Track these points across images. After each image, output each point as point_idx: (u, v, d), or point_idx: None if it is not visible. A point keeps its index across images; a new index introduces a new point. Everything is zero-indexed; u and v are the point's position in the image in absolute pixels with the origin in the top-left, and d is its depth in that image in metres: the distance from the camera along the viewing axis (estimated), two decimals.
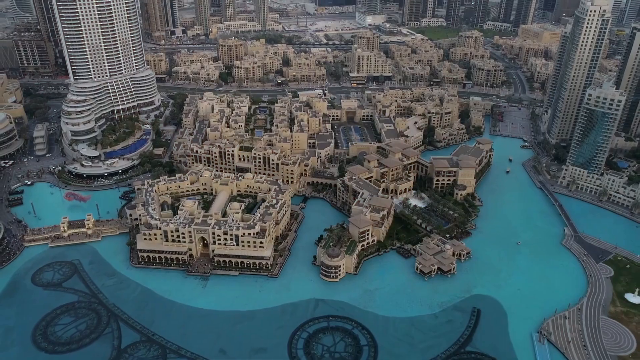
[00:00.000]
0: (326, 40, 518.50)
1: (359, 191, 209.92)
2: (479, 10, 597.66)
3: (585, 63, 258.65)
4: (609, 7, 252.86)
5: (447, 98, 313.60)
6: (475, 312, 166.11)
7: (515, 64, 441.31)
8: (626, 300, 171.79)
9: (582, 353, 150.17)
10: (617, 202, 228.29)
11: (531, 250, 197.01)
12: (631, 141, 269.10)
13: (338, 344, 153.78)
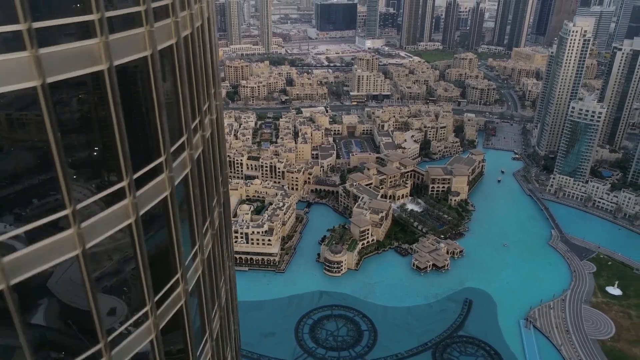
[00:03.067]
0: (327, 63, 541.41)
1: (359, 196, 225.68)
2: (473, 35, 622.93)
3: (570, 79, 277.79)
4: (590, 28, 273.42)
5: (442, 114, 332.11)
6: (467, 302, 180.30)
7: (508, 83, 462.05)
8: (607, 292, 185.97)
9: (564, 337, 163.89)
10: (601, 207, 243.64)
11: (520, 250, 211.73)
12: (615, 152, 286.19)
13: (341, 329, 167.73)
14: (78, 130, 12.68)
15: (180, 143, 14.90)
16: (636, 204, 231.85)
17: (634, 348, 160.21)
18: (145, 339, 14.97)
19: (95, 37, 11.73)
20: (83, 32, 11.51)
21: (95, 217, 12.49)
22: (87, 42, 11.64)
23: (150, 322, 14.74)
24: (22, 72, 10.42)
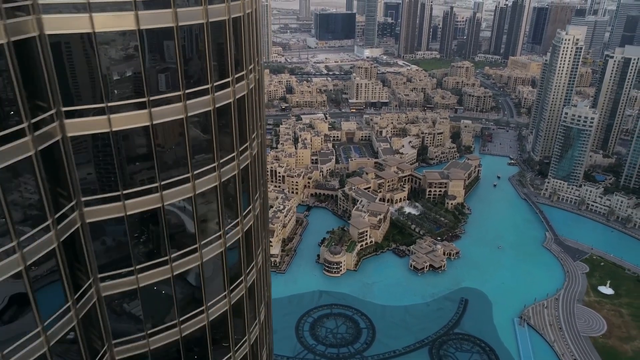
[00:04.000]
0: (326, 71, 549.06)
1: (358, 199, 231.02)
2: (470, 44, 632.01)
3: (563, 86, 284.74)
4: (582, 37, 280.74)
5: (439, 120, 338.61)
6: (463, 301, 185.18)
7: (504, 91, 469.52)
8: (599, 291, 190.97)
9: (557, 334, 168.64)
10: (594, 210, 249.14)
11: (515, 251, 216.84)
12: (608, 158, 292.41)
13: (340, 327, 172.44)
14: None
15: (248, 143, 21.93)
16: (628, 207, 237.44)
17: (624, 344, 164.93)
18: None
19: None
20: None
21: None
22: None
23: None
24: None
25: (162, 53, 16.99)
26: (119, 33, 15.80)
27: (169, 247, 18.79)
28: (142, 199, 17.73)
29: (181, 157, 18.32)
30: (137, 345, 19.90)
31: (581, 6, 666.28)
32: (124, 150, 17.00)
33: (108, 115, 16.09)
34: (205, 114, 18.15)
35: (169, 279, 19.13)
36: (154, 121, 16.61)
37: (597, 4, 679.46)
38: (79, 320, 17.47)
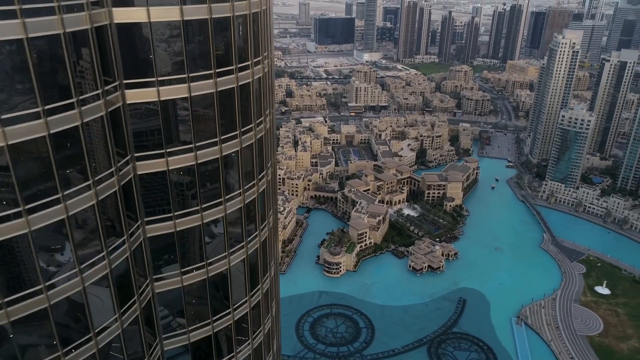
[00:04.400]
0: (326, 75, 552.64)
1: (357, 201, 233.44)
2: (469, 48, 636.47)
3: (560, 89, 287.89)
4: (578, 41, 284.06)
5: (438, 123, 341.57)
6: (462, 301, 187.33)
7: (502, 95, 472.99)
8: (596, 291, 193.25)
9: (554, 333, 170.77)
10: (591, 212, 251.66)
11: (513, 252, 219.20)
12: (605, 160, 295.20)
13: (340, 326, 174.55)
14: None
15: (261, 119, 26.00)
16: (625, 209, 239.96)
17: (620, 343, 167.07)
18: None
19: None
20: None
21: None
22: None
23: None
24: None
25: (200, 40, 21.06)
26: (168, 23, 20.01)
27: (200, 199, 22.69)
28: (181, 157, 21.82)
29: (211, 124, 22.28)
30: (172, 281, 24.28)
31: (579, 10, 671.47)
32: (168, 116, 21.13)
33: (157, 87, 20.27)
34: (230, 90, 22.12)
35: (199, 226, 23.05)
36: (192, 93, 20.75)
37: (595, 8, 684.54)
38: (131, 252, 21.86)
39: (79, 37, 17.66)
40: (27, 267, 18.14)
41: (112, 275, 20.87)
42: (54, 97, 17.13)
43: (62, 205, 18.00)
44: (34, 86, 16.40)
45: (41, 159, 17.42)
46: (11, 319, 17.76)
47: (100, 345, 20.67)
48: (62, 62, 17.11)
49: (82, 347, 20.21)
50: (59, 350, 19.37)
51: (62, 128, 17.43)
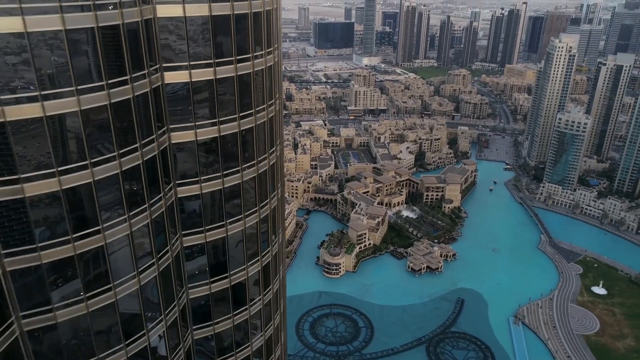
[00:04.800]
0: (325, 79, 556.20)
1: (356, 203, 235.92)
2: (467, 52, 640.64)
3: (557, 92, 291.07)
4: (575, 45, 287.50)
5: (437, 127, 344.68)
6: (460, 301, 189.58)
7: (500, 98, 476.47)
8: (592, 291, 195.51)
9: (551, 332, 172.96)
10: (588, 213, 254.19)
11: (510, 253, 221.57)
12: (602, 163, 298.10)
13: (339, 326, 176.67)
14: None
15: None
16: (621, 210, 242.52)
17: (617, 342, 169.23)
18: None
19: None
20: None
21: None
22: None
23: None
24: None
25: (223, 32, 24.93)
26: (200, 17, 23.77)
27: (222, 165, 26.87)
28: (206, 130, 25.84)
29: (232, 102, 26.10)
30: (198, 237, 28.66)
31: (576, 15, 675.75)
32: (197, 95, 24.80)
33: (190, 70, 24.32)
34: (248, 74, 26.11)
35: (220, 190, 27.13)
36: (217, 76, 24.74)
37: (592, 13, 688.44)
38: (166, 208, 26.33)
39: (132, 28, 21.55)
40: (88, 210, 22.33)
41: (152, 224, 24.70)
42: (114, 74, 21.42)
43: (117, 162, 22.20)
44: (100, 65, 20.75)
45: (102, 124, 21.74)
46: (77, 252, 22.09)
47: (141, 282, 25.20)
48: (120, 47, 21.33)
49: (128, 282, 24.61)
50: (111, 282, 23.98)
51: (120, 99, 21.67)
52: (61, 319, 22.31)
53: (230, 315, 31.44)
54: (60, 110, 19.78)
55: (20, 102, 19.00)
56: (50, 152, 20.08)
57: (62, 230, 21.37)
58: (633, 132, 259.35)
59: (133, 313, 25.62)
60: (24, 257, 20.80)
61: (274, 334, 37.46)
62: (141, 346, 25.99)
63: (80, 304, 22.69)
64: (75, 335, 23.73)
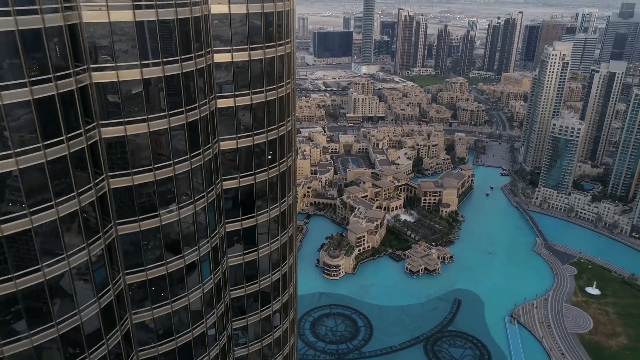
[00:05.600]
0: (324, 87, 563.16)
1: (355, 206, 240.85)
2: (464, 61, 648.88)
3: (551, 99, 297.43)
4: (568, 52, 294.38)
5: (434, 133, 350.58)
6: (457, 301, 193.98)
7: (497, 106, 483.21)
8: (586, 292, 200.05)
9: (546, 331, 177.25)
10: (582, 217, 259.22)
11: (506, 255, 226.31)
12: (597, 168, 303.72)
13: (339, 325, 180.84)
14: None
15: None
16: (615, 214, 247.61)
17: (609, 340, 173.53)
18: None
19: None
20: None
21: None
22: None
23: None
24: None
25: (255, 24, 31.88)
26: (222, 15, 30.73)
27: (253, 127, 35.23)
28: (245, 98, 33.62)
29: (259, 81, 32.85)
30: (233, 182, 36.56)
31: (571, 24, 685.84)
32: (241, 71, 32.03)
33: (212, 55, 31.58)
34: (272, 59, 32.81)
35: (251, 145, 34.96)
36: (251, 58, 31.70)
37: (587, 22, 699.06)
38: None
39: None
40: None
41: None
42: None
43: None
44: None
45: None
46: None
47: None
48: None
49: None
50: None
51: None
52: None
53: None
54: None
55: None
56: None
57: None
58: (625, 137, 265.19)
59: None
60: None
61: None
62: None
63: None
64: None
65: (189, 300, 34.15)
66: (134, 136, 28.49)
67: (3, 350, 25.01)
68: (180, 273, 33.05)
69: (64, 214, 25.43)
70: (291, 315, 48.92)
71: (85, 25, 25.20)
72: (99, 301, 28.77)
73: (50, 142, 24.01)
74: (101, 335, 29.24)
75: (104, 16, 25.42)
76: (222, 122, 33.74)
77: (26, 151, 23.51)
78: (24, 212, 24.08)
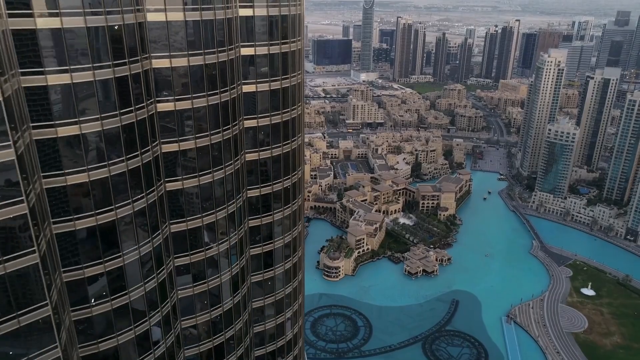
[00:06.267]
0: (324, 94, 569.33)
1: (355, 210, 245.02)
2: (463, 68, 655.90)
3: (547, 105, 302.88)
4: (563, 59, 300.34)
5: (432, 138, 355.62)
6: (454, 302, 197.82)
7: (494, 112, 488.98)
8: (582, 293, 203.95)
9: (542, 330, 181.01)
10: (578, 220, 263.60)
11: (503, 258, 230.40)
12: (592, 172, 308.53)
13: (339, 325, 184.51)
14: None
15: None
16: (610, 217, 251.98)
17: (604, 339, 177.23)
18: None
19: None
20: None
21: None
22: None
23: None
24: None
25: (271, 26, 37.99)
26: (247, 16, 36.08)
27: (270, 109, 41.19)
28: (264, 85, 39.30)
29: (276, 71, 38.44)
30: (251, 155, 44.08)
31: (568, 32, 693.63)
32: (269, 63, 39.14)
33: (235, 50, 37.80)
34: (292, 52, 39.35)
35: (268, 124, 41.93)
36: (270, 52, 37.45)
37: (584, 30, 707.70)
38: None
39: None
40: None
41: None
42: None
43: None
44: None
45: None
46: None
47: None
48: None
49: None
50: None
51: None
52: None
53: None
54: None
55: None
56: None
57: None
58: (620, 143, 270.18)
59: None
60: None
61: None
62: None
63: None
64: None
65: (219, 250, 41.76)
66: (197, 109, 36.53)
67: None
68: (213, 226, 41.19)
69: (133, 166, 32.68)
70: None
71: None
72: (152, 241, 34.95)
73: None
74: (153, 270, 35.78)
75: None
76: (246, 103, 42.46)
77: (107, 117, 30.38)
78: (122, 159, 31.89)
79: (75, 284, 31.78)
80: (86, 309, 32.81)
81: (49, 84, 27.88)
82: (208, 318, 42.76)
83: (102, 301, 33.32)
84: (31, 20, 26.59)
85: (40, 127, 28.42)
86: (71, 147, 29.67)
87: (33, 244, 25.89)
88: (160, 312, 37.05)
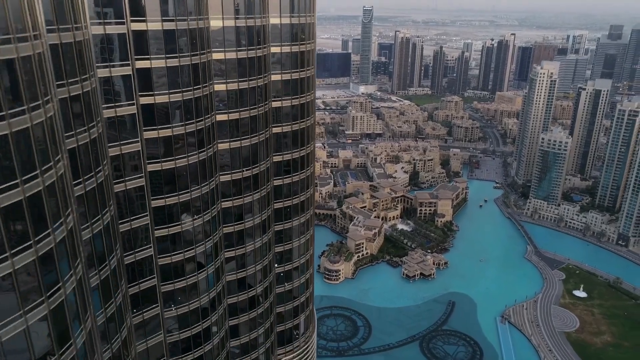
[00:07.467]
0: (324, 106, 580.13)
1: (354, 216, 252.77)
2: (460, 81, 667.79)
3: (540, 115, 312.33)
4: (556, 71, 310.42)
5: (430, 148, 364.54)
6: (451, 303, 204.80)
7: (491, 123, 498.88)
8: (574, 294, 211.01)
9: (535, 330, 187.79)
10: (571, 226, 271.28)
11: (498, 262, 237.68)
12: (585, 181, 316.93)
13: (339, 325, 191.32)
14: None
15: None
16: (602, 223, 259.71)
17: (595, 338, 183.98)
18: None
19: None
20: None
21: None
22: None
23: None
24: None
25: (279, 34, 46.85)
26: (276, 24, 45.42)
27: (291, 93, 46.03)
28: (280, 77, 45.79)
29: (290, 65, 46.12)
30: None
31: (563, 46, 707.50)
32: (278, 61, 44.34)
33: (267, 48, 46.59)
34: (298, 52, 46.82)
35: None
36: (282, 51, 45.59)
37: (578, 43, 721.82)
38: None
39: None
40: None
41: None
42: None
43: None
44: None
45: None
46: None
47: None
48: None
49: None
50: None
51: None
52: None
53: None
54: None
55: None
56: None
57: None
58: (611, 152, 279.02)
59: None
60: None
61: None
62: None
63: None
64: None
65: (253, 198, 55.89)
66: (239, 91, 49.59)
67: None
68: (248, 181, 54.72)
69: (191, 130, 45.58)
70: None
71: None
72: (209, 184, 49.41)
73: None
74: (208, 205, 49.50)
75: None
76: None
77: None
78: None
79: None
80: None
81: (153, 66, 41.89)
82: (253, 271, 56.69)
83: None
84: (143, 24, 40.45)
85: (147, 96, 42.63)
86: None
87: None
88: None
